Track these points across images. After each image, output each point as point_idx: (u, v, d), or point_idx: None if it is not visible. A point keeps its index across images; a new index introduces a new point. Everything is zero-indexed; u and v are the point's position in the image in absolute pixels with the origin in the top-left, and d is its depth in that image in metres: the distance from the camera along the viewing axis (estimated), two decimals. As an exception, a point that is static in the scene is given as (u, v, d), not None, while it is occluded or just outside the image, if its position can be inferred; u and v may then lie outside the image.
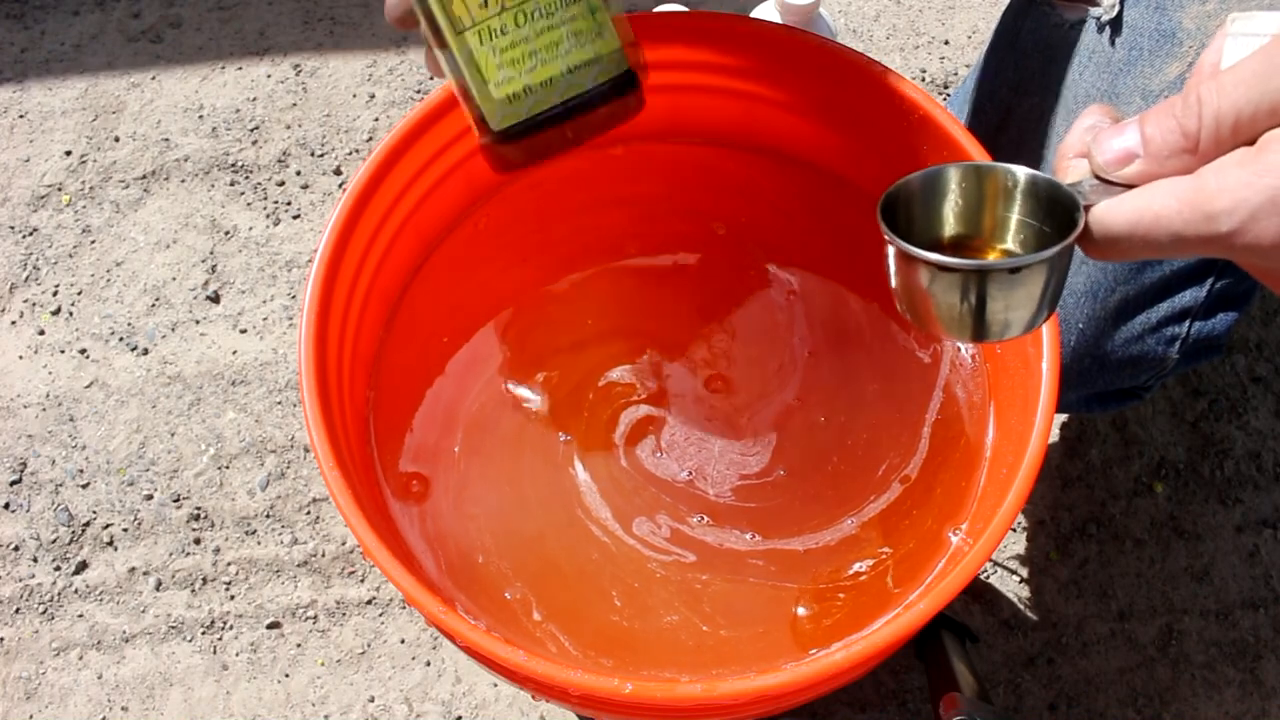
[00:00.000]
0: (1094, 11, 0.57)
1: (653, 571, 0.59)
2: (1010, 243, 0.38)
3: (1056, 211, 0.36)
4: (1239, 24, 0.34)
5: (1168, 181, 0.32)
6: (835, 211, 0.69)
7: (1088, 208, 0.34)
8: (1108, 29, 0.57)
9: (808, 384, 0.64)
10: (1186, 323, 0.60)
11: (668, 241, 0.68)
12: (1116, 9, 0.56)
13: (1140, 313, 0.60)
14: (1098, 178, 0.35)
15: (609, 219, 0.69)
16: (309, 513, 0.82)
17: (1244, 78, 0.31)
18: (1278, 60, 0.30)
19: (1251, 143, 0.31)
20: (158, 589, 0.80)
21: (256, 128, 0.97)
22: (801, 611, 0.58)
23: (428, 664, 0.78)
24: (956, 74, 0.99)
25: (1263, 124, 0.31)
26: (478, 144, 0.48)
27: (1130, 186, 0.33)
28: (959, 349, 0.64)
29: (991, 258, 0.38)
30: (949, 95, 0.80)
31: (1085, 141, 0.36)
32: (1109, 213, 0.33)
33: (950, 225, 0.39)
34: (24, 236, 0.93)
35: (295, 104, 0.98)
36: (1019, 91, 0.65)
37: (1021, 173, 0.37)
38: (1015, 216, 0.38)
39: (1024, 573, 0.80)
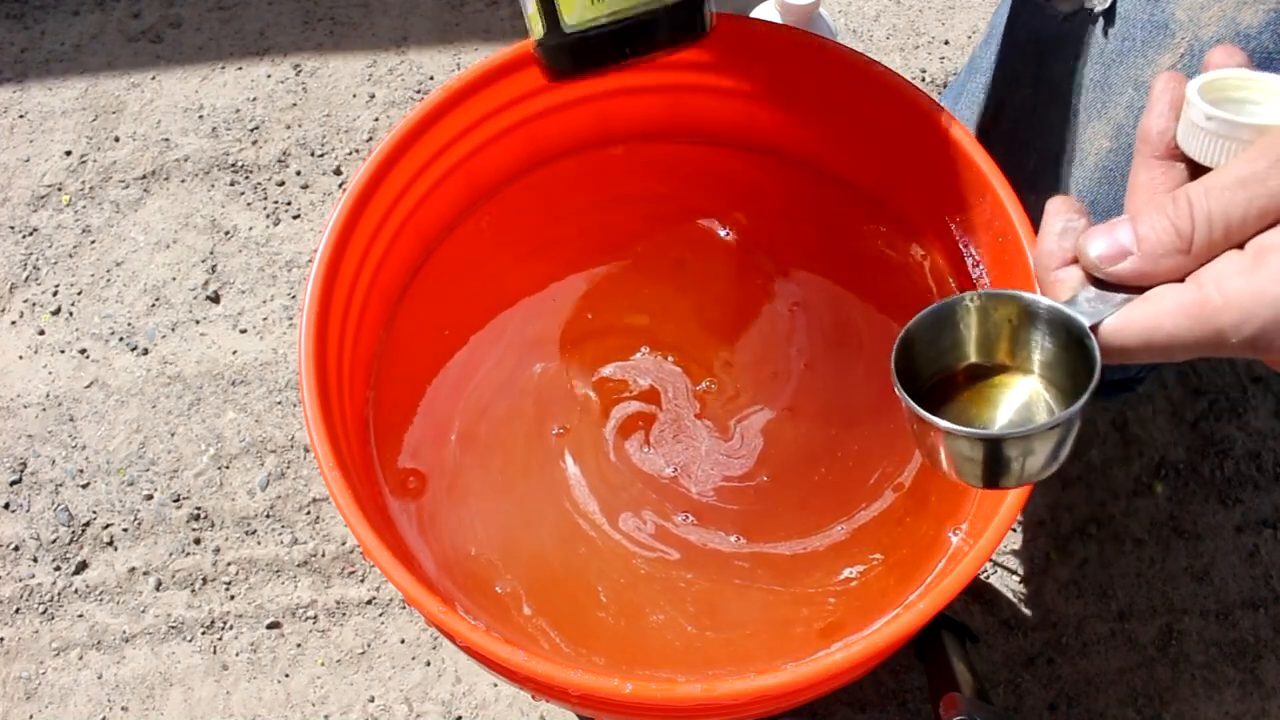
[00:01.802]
0: (1088, 3, 0.58)
1: (637, 568, 0.59)
2: (1025, 365, 0.39)
3: (1064, 330, 0.36)
4: (1214, 123, 0.35)
5: (1171, 293, 0.33)
6: (836, 212, 0.69)
7: (1094, 327, 0.34)
8: (1100, 20, 0.57)
9: (801, 394, 0.64)
10: None
11: (669, 242, 0.68)
12: (1110, 1, 0.56)
13: None
14: (1091, 279, 0.35)
15: (610, 218, 0.69)
16: (309, 513, 0.82)
17: (1233, 182, 0.32)
18: (1261, 165, 0.32)
19: (1241, 245, 0.32)
20: (158, 589, 0.80)
21: (256, 128, 0.97)
22: (790, 615, 0.58)
23: (428, 664, 0.78)
24: (956, 74, 0.99)
25: (1252, 227, 0.32)
26: (532, 49, 0.49)
27: (1125, 287, 0.34)
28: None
29: (1006, 391, 0.40)
30: (946, 90, 0.80)
31: (1064, 248, 0.36)
32: (1119, 332, 0.34)
33: (964, 356, 0.40)
34: (24, 236, 0.93)
35: (295, 104, 0.98)
36: (1012, 83, 0.65)
37: (1028, 299, 0.37)
38: (1026, 336, 0.38)
39: (1024, 573, 0.80)
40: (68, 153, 0.96)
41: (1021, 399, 0.39)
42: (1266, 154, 0.32)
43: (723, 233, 0.68)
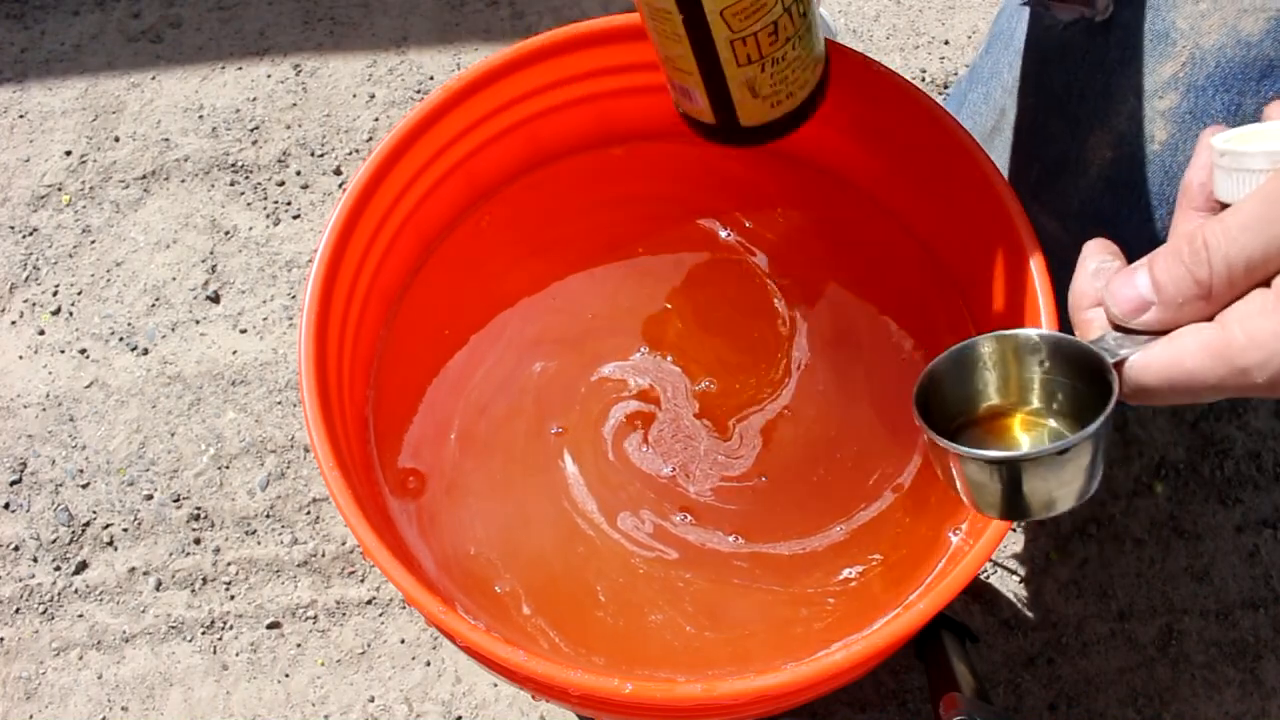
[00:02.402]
0: (1088, 12, 0.58)
1: (636, 567, 0.59)
2: (1046, 405, 0.39)
3: (1085, 368, 0.36)
4: (1227, 158, 0.34)
5: (1193, 333, 0.33)
6: (836, 212, 0.69)
7: (1118, 364, 0.34)
8: (1101, 30, 0.57)
9: (800, 397, 0.64)
10: None
11: (669, 242, 0.68)
12: (1110, 9, 0.56)
13: None
14: (1116, 326, 0.36)
15: (612, 218, 0.69)
16: (309, 513, 0.82)
17: (1248, 222, 0.31)
18: (1275, 199, 0.31)
19: (1266, 283, 0.32)
20: (158, 589, 0.80)
21: (256, 128, 0.97)
22: (789, 616, 0.58)
23: (428, 664, 0.78)
24: (956, 74, 0.99)
25: (1274, 266, 0.31)
26: (687, 122, 0.55)
27: (1152, 332, 0.34)
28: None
29: (1027, 431, 0.40)
30: (947, 95, 0.80)
31: (1096, 288, 0.37)
32: (1142, 371, 0.34)
33: (985, 397, 0.40)
34: (24, 236, 0.93)
35: (295, 104, 0.98)
36: (1014, 92, 0.65)
37: (1047, 337, 0.38)
38: (1048, 377, 0.39)
39: (1024, 573, 0.80)
40: (68, 153, 0.96)
41: (1045, 437, 0.39)
42: None
43: (723, 233, 0.68)
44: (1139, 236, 0.60)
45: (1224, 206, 0.35)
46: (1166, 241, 0.36)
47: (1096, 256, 0.38)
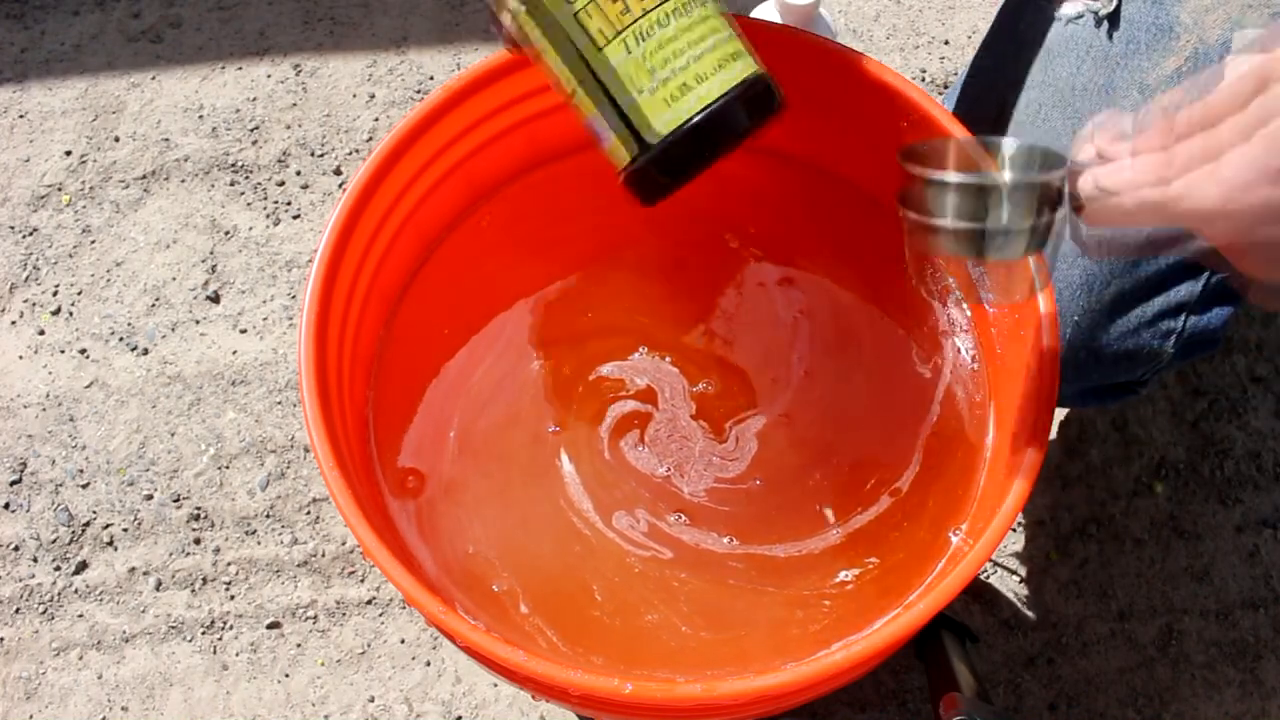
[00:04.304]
0: (1091, 6, 0.57)
1: (631, 567, 0.59)
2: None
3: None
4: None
5: (1144, 160, 0.37)
6: (837, 212, 0.69)
7: (1076, 173, 0.39)
8: (1105, 23, 0.57)
9: (799, 401, 0.64)
10: (1182, 317, 0.60)
11: (669, 242, 0.68)
12: (1115, 3, 0.56)
13: (1136, 306, 0.60)
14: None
15: (610, 218, 0.69)
16: (309, 513, 0.82)
17: (1214, 73, 0.35)
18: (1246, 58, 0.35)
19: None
20: (158, 589, 0.80)
21: (256, 128, 0.97)
22: (785, 618, 0.58)
23: (428, 664, 0.78)
24: (956, 74, 0.99)
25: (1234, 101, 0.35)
26: (620, 179, 0.48)
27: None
28: (960, 354, 0.64)
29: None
30: (946, 93, 0.80)
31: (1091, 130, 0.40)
32: (1101, 176, 0.38)
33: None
34: (24, 236, 0.93)
35: (295, 104, 0.98)
36: (1016, 86, 0.65)
37: (1015, 141, 0.42)
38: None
39: (1024, 573, 0.80)
40: (68, 153, 0.96)
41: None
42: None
43: (722, 233, 0.68)
44: (1139, 230, 0.60)
45: None
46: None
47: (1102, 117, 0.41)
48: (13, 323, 0.89)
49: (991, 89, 0.68)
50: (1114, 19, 0.56)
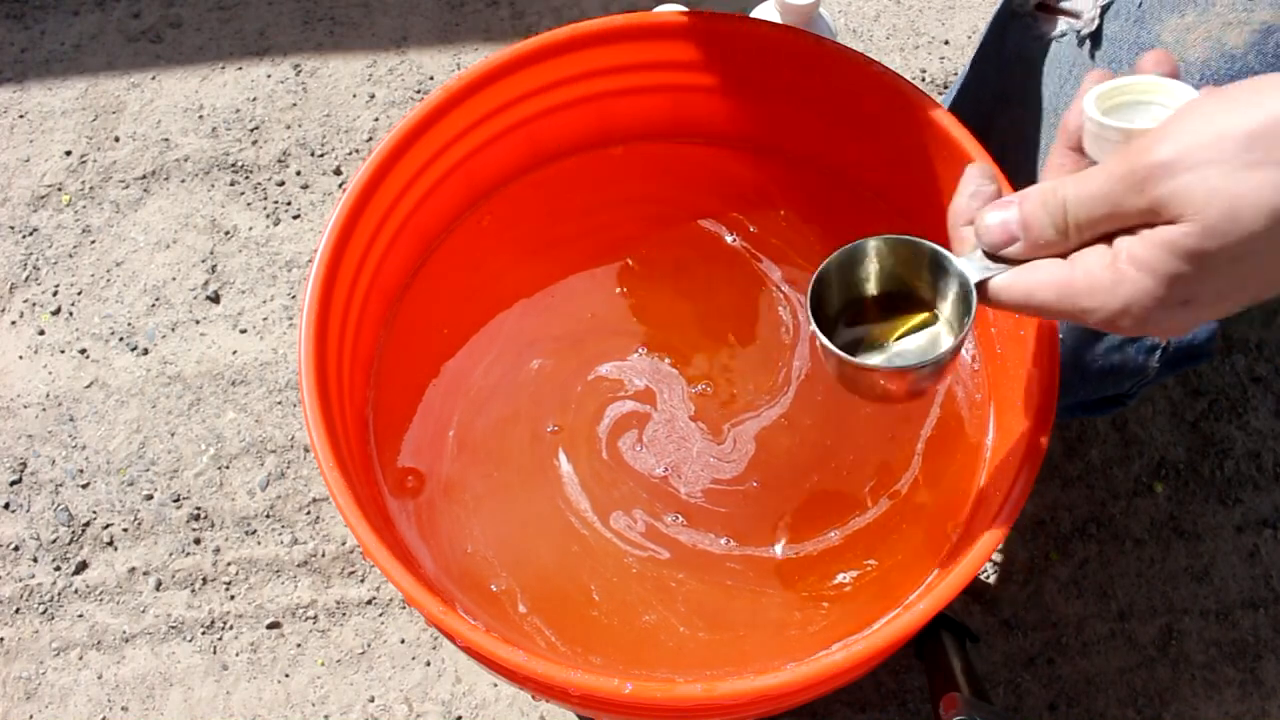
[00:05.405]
0: (1074, 24, 0.58)
1: (629, 567, 0.59)
2: (931, 298, 0.47)
3: (955, 277, 0.44)
4: (1092, 124, 0.40)
5: (1047, 268, 0.40)
6: (837, 211, 0.69)
7: (983, 282, 0.42)
8: (1088, 42, 0.57)
9: (799, 405, 0.64)
10: None
11: (669, 243, 0.68)
12: (1096, 22, 0.56)
13: None
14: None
15: (611, 219, 0.69)
16: (309, 513, 0.82)
17: (1096, 191, 0.38)
18: (1117, 174, 0.37)
19: (1110, 238, 0.38)
20: (158, 589, 0.80)
21: (256, 128, 0.97)
22: (783, 619, 0.58)
23: (428, 664, 0.78)
24: (956, 74, 0.99)
25: (1114, 226, 0.38)
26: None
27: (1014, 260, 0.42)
28: (960, 355, 0.64)
29: (914, 318, 0.48)
30: (947, 92, 0.80)
31: (972, 209, 0.43)
32: (1000, 292, 0.42)
33: (871, 286, 0.48)
34: (24, 236, 0.93)
35: (295, 104, 0.98)
36: (1002, 102, 0.66)
37: (927, 248, 0.45)
38: (933, 279, 0.46)
39: (1024, 573, 0.80)
40: (68, 153, 0.96)
41: (921, 328, 0.48)
42: (1120, 168, 0.37)
43: (723, 234, 0.68)
44: None
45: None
46: (1040, 179, 0.42)
47: (975, 180, 0.44)
48: (13, 323, 0.89)
49: (979, 104, 0.68)
50: (1096, 38, 0.57)
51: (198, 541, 0.82)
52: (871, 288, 0.49)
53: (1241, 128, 0.34)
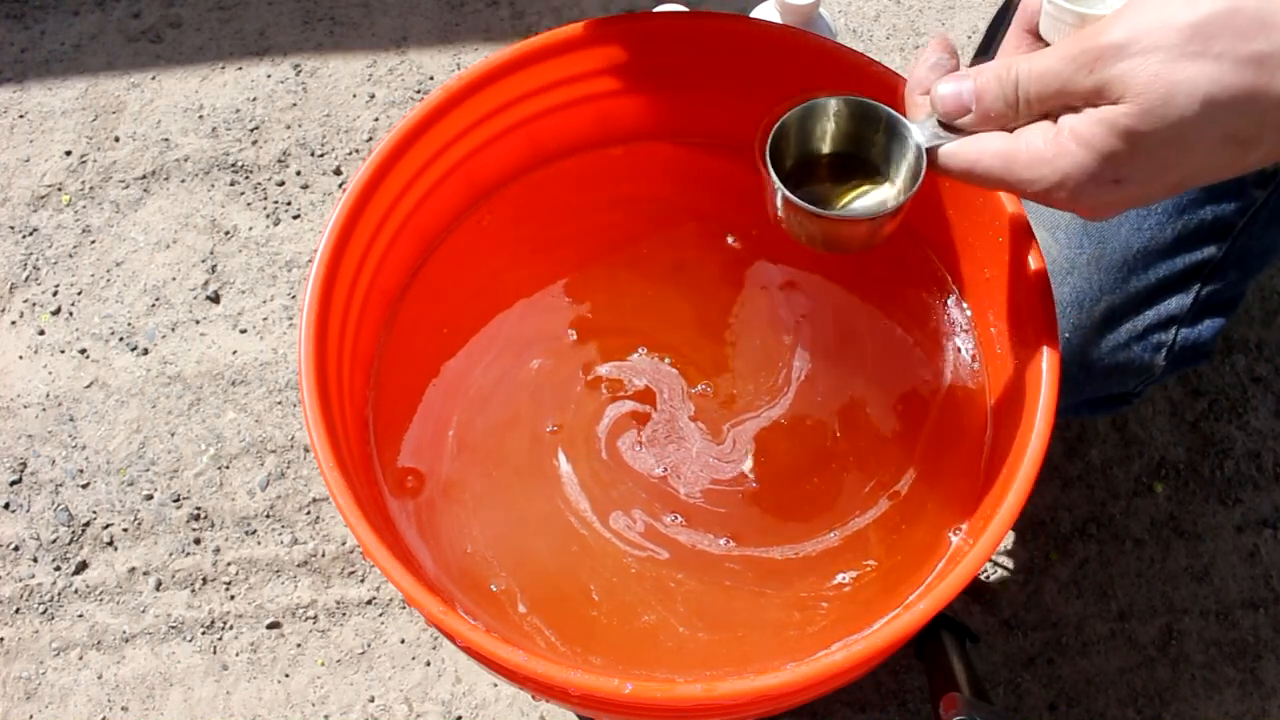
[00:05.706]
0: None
1: (628, 567, 0.59)
2: (881, 160, 0.49)
3: (907, 140, 0.47)
4: (1052, 6, 0.42)
5: (992, 141, 0.42)
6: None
7: (932, 149, 0.44)
8: None
9: (798, 406, 0.64)
10: (1173, 330, 0.61)
11: (669, 243, 0.68)
12: None
13: (1126, 321, 0.61)
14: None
15: (611, 219, 0.69)
16: (309, 513, 0.82)
17: (1047, 70, 0.40)
18: (1069, 55, 0.39)
19: (1050, 115, 0.41)
20: (158, 589, 0.80)
21: (256, 128, 0.97)
22: (783, 619, 0.58)
23: (428, 664, 0.78)
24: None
25: (1061, 103, 0.40)
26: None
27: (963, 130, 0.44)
28: (960, 354, 0.64)
29: (864, 177, 0.51)
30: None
31: (930, 79, 0.45)
32: (949, 158, 0.44)
33: (831, 145, 0.50)
34: (24, 236, 0.93)
35: (295, 104, 0.98)
36: None
37: (883, 110, 0.48)
38: (886, 141, 0.49)
39: (1024, 573, 0.80)
40: (68, 153, 0.96)
41: (870, 187, 0.50)
42: (1073, 48, 0.39)
43: (723, 234, 0.68)
44: (1128, 246, 0.60)
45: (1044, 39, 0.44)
46: (996, 55, 0.44)
47: (935, 52, 0.46)
48: (13, 323, 0.89)
49: None
50: None
51: (198, 541, 0.82)
52: (825, 146, 0.50)
53: (1186, 19, 0.37)
